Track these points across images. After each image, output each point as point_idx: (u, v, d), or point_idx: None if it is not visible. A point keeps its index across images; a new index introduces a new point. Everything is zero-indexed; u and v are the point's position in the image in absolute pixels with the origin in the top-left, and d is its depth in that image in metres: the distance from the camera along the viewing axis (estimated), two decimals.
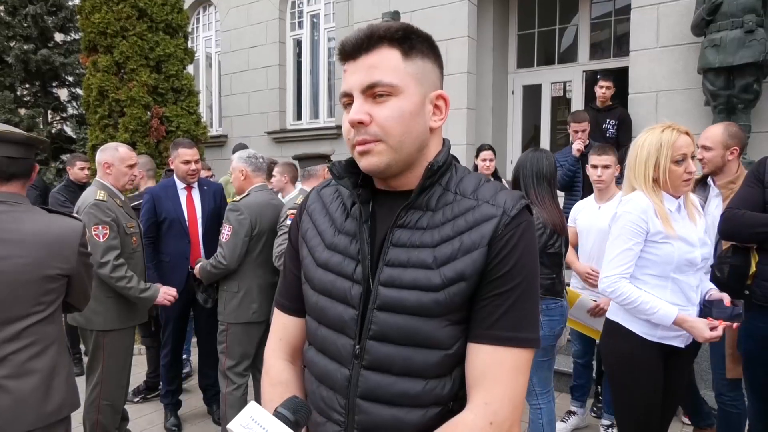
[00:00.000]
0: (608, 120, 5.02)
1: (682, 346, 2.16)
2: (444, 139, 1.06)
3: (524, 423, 2.94)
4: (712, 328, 2.04)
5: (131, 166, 3.09)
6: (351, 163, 1.05)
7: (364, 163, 0.97)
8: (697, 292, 2.16)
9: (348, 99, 0.97)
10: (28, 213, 1.81)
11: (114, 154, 3.05)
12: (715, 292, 2.22)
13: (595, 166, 3.25)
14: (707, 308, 2.16)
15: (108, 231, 2.89)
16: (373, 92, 0.94)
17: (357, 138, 0.95)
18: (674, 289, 2.12)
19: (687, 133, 2.09)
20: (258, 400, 1.57)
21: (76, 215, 1.96)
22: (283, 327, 1.18)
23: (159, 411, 3.90)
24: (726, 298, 2.14)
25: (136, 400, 4.14)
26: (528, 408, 2.83)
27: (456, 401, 0.97)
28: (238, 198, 3.20)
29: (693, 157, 2.09)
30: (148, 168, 4.30)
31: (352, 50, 0.96)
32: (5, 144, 1.76)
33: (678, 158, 2.07)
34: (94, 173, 3.93)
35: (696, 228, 2.14)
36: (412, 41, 0.96)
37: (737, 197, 2.55)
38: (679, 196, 2.14)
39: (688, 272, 2.12)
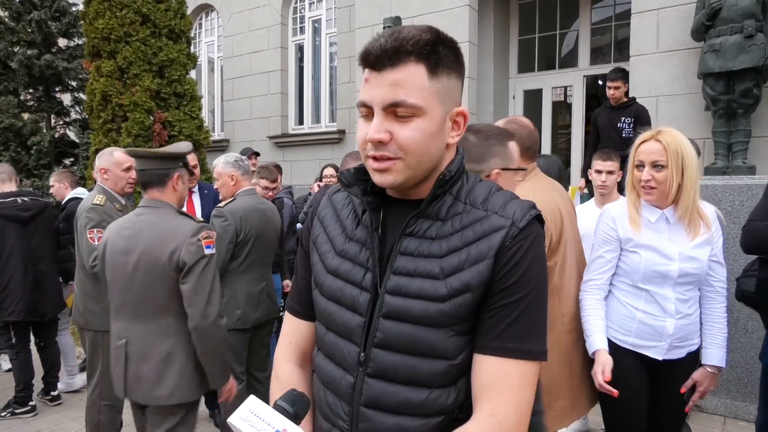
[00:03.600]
0: (623, 118, 4.88)
1: (659, 358, 2.08)
2: (457, 148, 1.04)
3: None
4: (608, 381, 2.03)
5: (127, 170, 3.10)
6: (360, 171, 1.04)
7: (379, 179, 0.96)
8: (677, 304, 2.06)
9: (367, 110, 0.94)
10: (155, 214, 2.19)
11: (109, 159, 3.06)
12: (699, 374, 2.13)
13: (599, 171, 3.21)
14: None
15: (103, 234, 2.90)
16: (396, 111, 0.91)
17: (374, 153, 0.93)
18: (648, 299, 2.08)
19: (660, 141, 1.98)
20: None
21: (196, 218, 2.26)
22: (293, 331, 1.19)
23: None
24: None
25: (3, 414, 3.97)
26: None
27: (462, 410, 0.96)
28: (222, 203, 3.14)
29: (662, 167, 1.98)
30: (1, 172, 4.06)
31: (376, 61, 0.91)
32: (137, 159, 2.22)
33: (637, 163, 2.05)
34: None
35: (687, 242, 2.03)
36: (439, 55, 0.92)
37: (758, 209, 2.43)
38: (664, 208, 2.05)
39: (664, 284, 2.04)
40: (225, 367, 2.24)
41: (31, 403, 4.03)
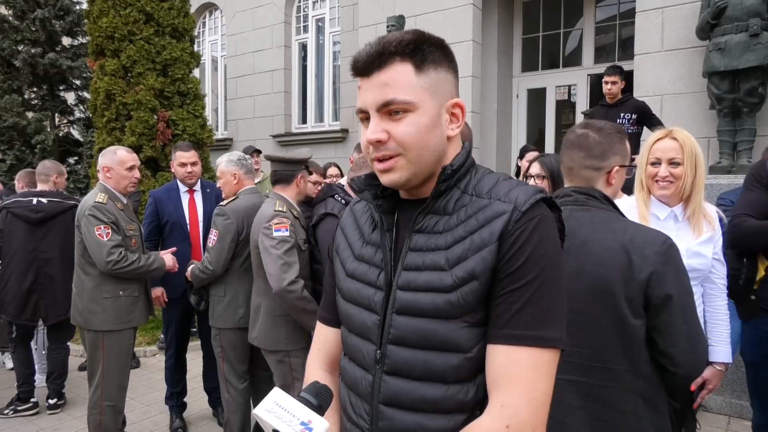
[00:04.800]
0: (622, 114, 4.78)
1: None
2: (463, 143, 1.05)
3: None
4: None
5: (131, 168, 3.08)
6: (371, 176, 1.06)
7: (385, 180, 0.98)
8: None
9: (364, 115, 0.98)
10: (265, 203, 2.80)
11: (112, 157, 3.05)
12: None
13: None
14: None
15: (110, 231, 2.91)
16: (389, 110, 0.94)
17: (377, 154, 0.96)
18: None
19: (676, 139, 2.03)
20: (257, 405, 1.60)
21: (278, 208, 2.70)
22: (322, 338, 1.21)
23: (165, 413, 3.91)
24: None
25: (6, 412, 3.97)
26: None
27: (482, 410, 0.93)
28: (225, 202, 3.14)
29: (677, 164, 2.02)
30: None
31: (364, 67, 0.95)
32: (272, 162, 2.88)
33: (653, 161, 2.07)
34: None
35: (693, 239, 2.04)
36: (424, 52, 0.95)
37: (742, 203, 2.46)
38: (673, 206, 2.07)
39: None
40: (311, 315, 2.63)
41: (32, 399, 4.03)
